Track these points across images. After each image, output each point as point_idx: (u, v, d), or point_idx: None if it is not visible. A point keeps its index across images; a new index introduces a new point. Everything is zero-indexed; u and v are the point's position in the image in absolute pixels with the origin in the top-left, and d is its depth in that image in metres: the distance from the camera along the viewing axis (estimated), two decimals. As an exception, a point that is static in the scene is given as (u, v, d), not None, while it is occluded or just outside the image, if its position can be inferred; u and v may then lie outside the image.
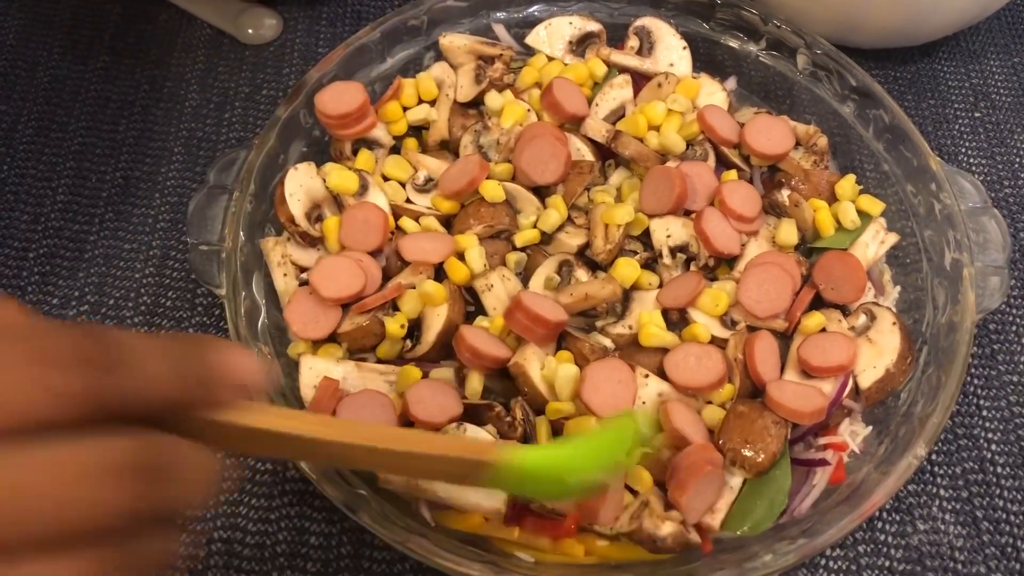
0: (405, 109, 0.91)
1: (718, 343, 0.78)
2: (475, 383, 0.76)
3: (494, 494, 0.71)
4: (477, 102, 0.92)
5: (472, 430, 0.73)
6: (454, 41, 0.93)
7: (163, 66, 1.06)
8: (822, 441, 0.76)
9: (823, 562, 0.77)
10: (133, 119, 1.01)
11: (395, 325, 0.77)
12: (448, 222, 0.86)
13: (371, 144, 0.89)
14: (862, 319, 0.80)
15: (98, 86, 1.04)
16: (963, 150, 1.02)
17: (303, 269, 0.81)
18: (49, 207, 0.95)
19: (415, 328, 0.79)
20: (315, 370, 0.76)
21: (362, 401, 0.74)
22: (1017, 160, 1.02)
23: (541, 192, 0.85)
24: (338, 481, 0.70)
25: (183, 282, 0.90)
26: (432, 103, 0.92)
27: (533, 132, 0.85)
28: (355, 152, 0.89)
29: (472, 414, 0.75)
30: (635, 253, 0.83)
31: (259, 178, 0.83)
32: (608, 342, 0.79)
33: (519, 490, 0.62)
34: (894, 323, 0.78)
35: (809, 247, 0.85)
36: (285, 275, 0.80)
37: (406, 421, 0.74)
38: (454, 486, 0.71)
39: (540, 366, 0.76)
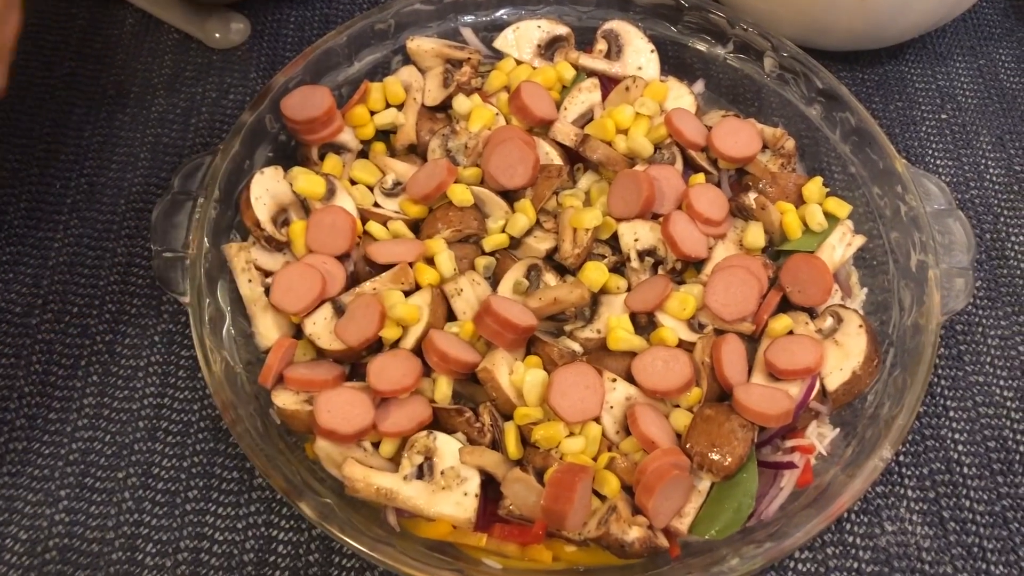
0: (372, 113, 0.90)
1: (686, 347, 0.78)
2: (444, 388, 0.76)
3: (463, 505, 0.71)
4: (445, 106, 0.92)
5: (442, 439, 0.73)
6: (421, 45, 0.92)
7: (129, 71, 1.05)
8: (789, 444, 0.77)
9: (792, 564, 0.78)
10: (99, 125, 1.00)
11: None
12: (416, 226, 0.85)
13: (338, 148, 0.89)
14: (829, 321, 0.80)
15: (64, 92, 1.03)
16: (930, 152, 1.03)
17: (269, 274, 0.80)
18: (12, 213, 0.93)
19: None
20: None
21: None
22: (982, 162, 1.02)
23: (510, 196, 0.85)
24: (306, 491, 0.69)
25: (148, 289, 0.89)
26: (400, 107, 0.91)
27: (501, 136, 0.85)
28: (322, 157, 0.88)
29: (441, 419, 0.75)
30: (603, 257, 0.83)
31: (224, 184, 0.82)
32: (576, 346, 0.79)
33: None
34: (861, 325, 0.79)
35: (776, 250, 0.85)
36: (250, 281, 0.80)
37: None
38: (422, 497, 0.71)
39: (508, 371, 0.75)
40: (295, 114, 0.85)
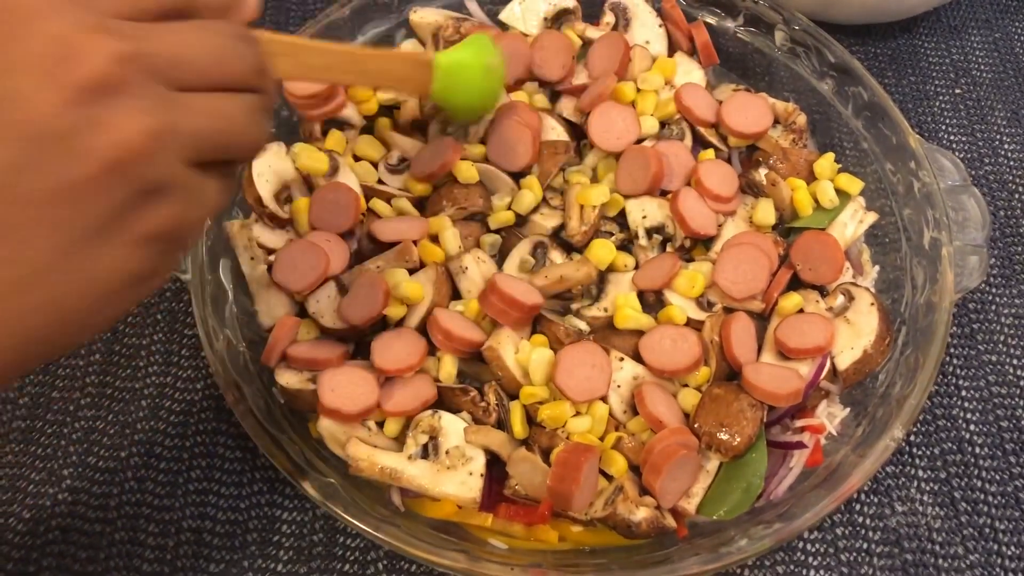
0: (375, 88, 0.89)
1: (694, 325, 0.77)
2: (449, 367, 0.75)
3: (468, 485, 0.70)
4: (450, 81, 0.90)
5: (447, 419, 0.72)
6: (425, 17, 0.91)
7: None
8: (799, 423, 0.75)
9: (801, 545, 0.77)
10: (99, 100, 0.99)
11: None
12: (421, 203, 0.84)
13: (341, 124, 0.87)
14: (840, 300, 0.79)
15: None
16: (943, 127, 1.01)
17: (271, 251, 0.79)
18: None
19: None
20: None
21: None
22: (997, 137, 1.01)
23: (516, 173, 0.84)
24: (310, 470, 0.68)
25: (151, 267, 0.88)
26: (404, 82, 0.90)
27: (501, 115, 0.83)
28: (325, 133, 0.87)
29: (446, 398, 0.74)
30: (611, 234, 0.82)
31: (226, 160, 0.80)
32: (583, 325, 0.78)
33: (451, 91, 0.73)
34: (872, 303, 0.77)
35: (787, 227, 0.84)
36: (252, 259, 0.79)
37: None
38: (427, 476, 0.70)
39: (514, 350, 0.74)
40: (297, 89, 0.83)
